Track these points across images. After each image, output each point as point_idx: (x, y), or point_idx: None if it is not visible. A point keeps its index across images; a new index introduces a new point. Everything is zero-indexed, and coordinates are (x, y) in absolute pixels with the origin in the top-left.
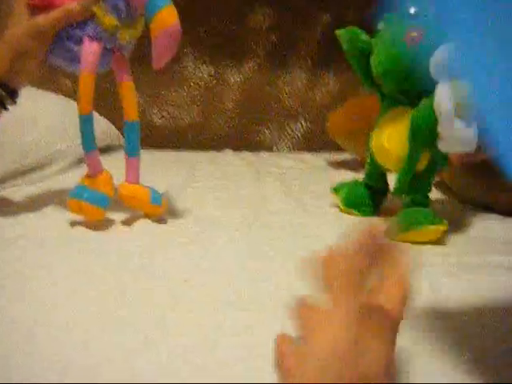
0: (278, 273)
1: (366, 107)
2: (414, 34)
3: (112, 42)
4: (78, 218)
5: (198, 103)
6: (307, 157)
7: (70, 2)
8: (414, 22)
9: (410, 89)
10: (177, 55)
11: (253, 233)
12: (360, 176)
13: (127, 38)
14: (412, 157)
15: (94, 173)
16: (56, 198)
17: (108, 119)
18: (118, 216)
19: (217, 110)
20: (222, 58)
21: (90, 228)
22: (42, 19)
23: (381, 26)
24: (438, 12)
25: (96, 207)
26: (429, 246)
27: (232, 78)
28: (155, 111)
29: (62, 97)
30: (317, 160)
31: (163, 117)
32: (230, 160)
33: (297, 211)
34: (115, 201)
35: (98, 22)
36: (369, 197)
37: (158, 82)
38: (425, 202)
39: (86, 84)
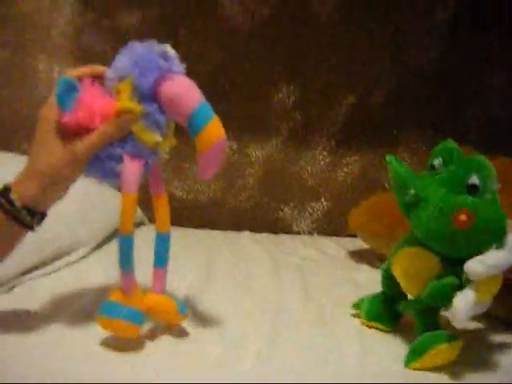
0: None
1: (389, 205)
2: (464, 217)
3: (153, 157)
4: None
5: (220, 178)
6: (327, 244)
7: (106, 124)
8: (470, 198)
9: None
10: None
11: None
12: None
13: (167, 149)
14: (422, 304)
15: (130, 291)
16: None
17: None
18: None
19: (238, 185)
20: (246, 133)
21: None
22: (79, 147)
23: (437, 163)
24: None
25: (134, 325)
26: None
27: (254, 155)
28: (176, 184)
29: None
30: (336, 248)
31: (183, 189)
32: (248, 247)
33: (317, 325)
34: None
35: (139, 140)
36: (388, 308)
37: (181, 155)
38: (435, 327)
39: (128, 204)
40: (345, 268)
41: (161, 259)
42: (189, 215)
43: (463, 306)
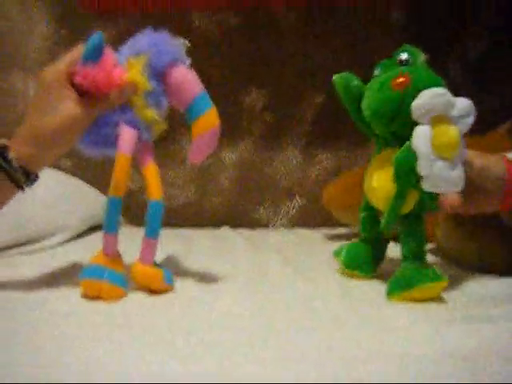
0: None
1: (357, 179)
2: (401, 79)
3: (146, 134)
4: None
5: (194, 182)
6: (304, 232)
7: (112, 91)
8: (404, 68)
9: (398, 131)
10: (173, 136)
11: (253, 298)
12: None
13: (160, 130)
14: (397, 195)
15: (112, 253)
16: (58, 268)
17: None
18: None
19: (213, 189)
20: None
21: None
22: (80, 111)
23: (376, 71)
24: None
25: (118, 287)
26: (431, 303)
27: (227, 158)
28: None
29: (61, 173)
30: (314, 234)
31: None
32: (227, 235)
33: (298, 276)
34: None
35: (138, 113)
36: (368, 253)
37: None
38: (421, 254)
39: (122, 165)
40: (323, 244)
41: (153, 229)
42: (166, 219)
43: (415, 138)
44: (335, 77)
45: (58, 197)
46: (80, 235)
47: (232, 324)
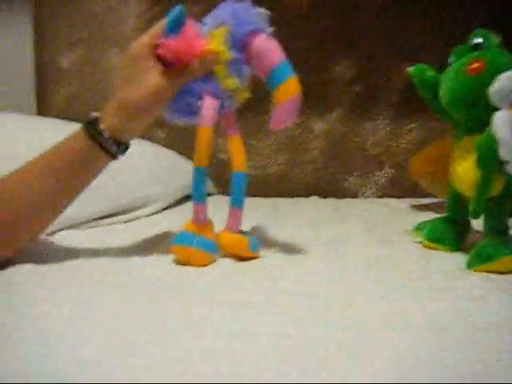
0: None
1: (447, 149)
2: (476, 64)
3: (229, 102)
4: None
5: (285, 152)
6: (391, 201)
7: (195, 62)
8: (478, 52)
9: (478, 117)
10: (262, 106)
11: (335, 264)
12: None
13: (242, 99)
14: (483, 181)
15: (201, 221)
16: (150, 237)
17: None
18: None
19: (302, 158)
20: (307, 108)
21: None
22: (165, 81)
23: (451, 59)
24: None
25: (206, 253)
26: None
27: (317, 128)
28: None
29: (156, 145)
30: (400, 204)
31: (250, 166)
32: (315, 205)
33: (379, 245)
34: None
35: (220, 83)
36: (452, 231)
37: (244, 132)
38: (504, 229)
39: (205, 137)
40: (408, 214)
41: (237, 199)
42: (257, 189)
43: (497, 126)
44: (410, 69)
45: (151, 168)
46: (173, 205)
47: (307, 291)
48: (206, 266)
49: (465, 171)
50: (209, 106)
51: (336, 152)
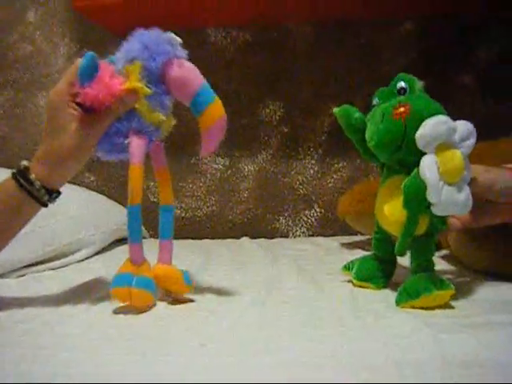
0: (289, 340)
1: (370, 189)
2: (401, 109)
3: (156, 135)
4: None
5: (215, 193)
6: (321, 241)
7: (114, 103)
8: (403, 97)
9: (402, 159)
10: (193, 148)
11: (266, 306)
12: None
13: (169, 128)
14: (409, 221)
15: (138, 261)
16: (83, 283)
17: None
18: None
19: (233, 199)
20: (237, 150)
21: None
22: (89, 129)
23: (375, 101)
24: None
25: (147, 292)
26: (436, 310)
27: (246, 169)
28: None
29: (85, 188)
30: (331, 243)
31: (181, 208)
32: (247, 246)
33: (310, 286)
34: None
35: (144, 118)
36: (379, 269)
37: (176, 175)
38: (429, 266)
39: (136, 175)
40: (338, 253)
41: (166, 231)
42: (187, 230)
43: (422, 168)
44: (336, 110)
45: (81, 212)
46: (104, 249)
47: (239, 334)
48: (147, 305)
49: (391, 210)
50: (136, 145)
51: (266, 192)
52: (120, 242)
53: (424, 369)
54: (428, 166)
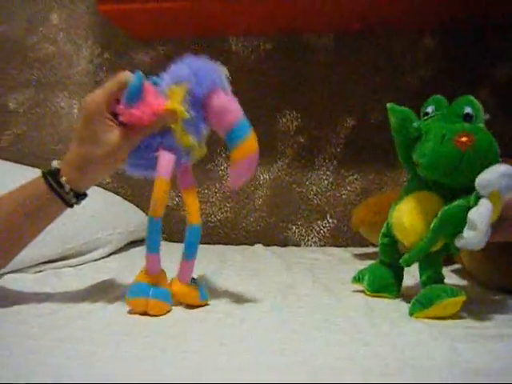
0: (305, 343)
1: (386, 201)
2: (465, 138)
3: (185, 158)
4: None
5: (230, 200)
6: (334, 250)
7: (151, 120)
8: (467, 124)
9: (446, 184)
10: (210, 154)
11: (284, 311)
12: None
13: (199, 156)
14: (429, 241)
15: (155, 272)
16: (99, 281)
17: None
18: None
19: (247, 207)
20: None
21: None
22: (123, 141)
23: (430, 109)
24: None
25: (163, 303)
26: (450, 321)
27: (262, 177)
28: None
29: (103, 190)
30: (343, 253)
31: None
32: (260, 253)
33: (324, 295)
34: None
35: (177, 139)
36: (390, 276)
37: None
38: (440, 279)
39: (161, 188)
40: (351, 263)
41: (190, 251)
42: (202, 236)
43: (480, 214)
44: (394, 108)
45: (101, 213)
46: (120, 249)
47: (257, 339)
48: (162, 314)
49: (412, 222)
50: (165, 158)
51: (280, 201)
52: (135, 243)
53: (440, 375)
54: (484, 213)
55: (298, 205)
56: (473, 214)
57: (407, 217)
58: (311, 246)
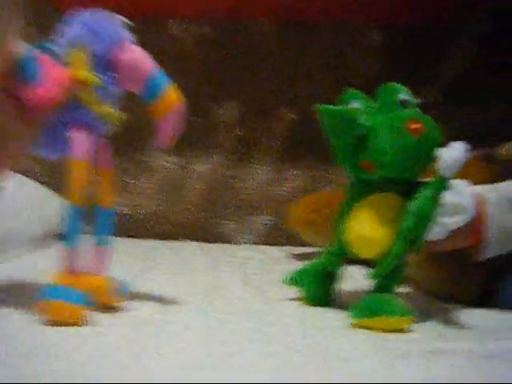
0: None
1: (325, 199)
2: (416, 125)
3: (103, 130)
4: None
5: (162, 193)
6: (268, 249)
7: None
8: (409, 110)
9: (408, 178)
10: (142, 144)
11: (210, 317)
12: None
13: (117, 122)
14: (405, 246)
15: (73, 270)
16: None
17: None
18: None
19: (180, 200)
20: (189, 149)
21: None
22: (29, 121)
23: (356, 104)
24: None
25: (77, 307)
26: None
27: (197, 170)
28: (119, 199)
29: (28, 180)
30: (278, 252)
31: (126, 205)
32: (192, 250)
33: (256, 299)
34: None
35: (90, 111)
36: (326, 285)
37: (124, 170)
38: (392, 289)
39: (78, 171)
40: (286, 263)
41: (104, 237)
42: (131, 229)
43: (463, 195)
44: (328, 110)
45: (24, 206)
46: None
47: (179, 349)
48: (79, 320)
49: (374, 234)
50: (78, 137)
51: (215, 195)
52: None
53: None
54: (464, 193)
55: (234, 200)
56: (456, 198)
57: (367, 227)
58: (245, 243)
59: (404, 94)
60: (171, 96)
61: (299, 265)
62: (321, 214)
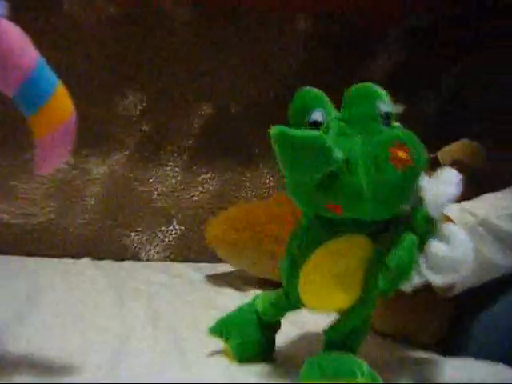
0: None
1: (248, 215)
2: (402, 153)
3: None
4: None
5: (55, 198)
6: (181, 268)
7: None
8: (395, 132)
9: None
10: (26, 141)
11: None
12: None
13: None
14: (373, 303)
15: None
16: None
17: None
18: None
19: (76, 207)
20: (84, 147)
21: None
22: None
23: (320, 115)
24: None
25: None
26: None
27: (95, 171)
28: (2, 206)
29: None
30: (193, 273)
31: (11, 213)
32: (87, 273)
33: (172, 359)
34: None
35: None
36: (263, 340)
37: (6, 171)
38: (353, 347)
39: None
40: (204, 290)
41: None
42: (16, 242)
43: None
44: (293, 137)
45: None
46: None
47: None
48: None
49: (344, 287)
50: None
51: (117, 201)
52: None
53: None
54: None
55: (139, 207)
56: (447, 250)
57: (330, 281)
58: (154, 256)
59: (384, 103)
60: (60, 105)
61: (220, 292)
62: (243, 234)
